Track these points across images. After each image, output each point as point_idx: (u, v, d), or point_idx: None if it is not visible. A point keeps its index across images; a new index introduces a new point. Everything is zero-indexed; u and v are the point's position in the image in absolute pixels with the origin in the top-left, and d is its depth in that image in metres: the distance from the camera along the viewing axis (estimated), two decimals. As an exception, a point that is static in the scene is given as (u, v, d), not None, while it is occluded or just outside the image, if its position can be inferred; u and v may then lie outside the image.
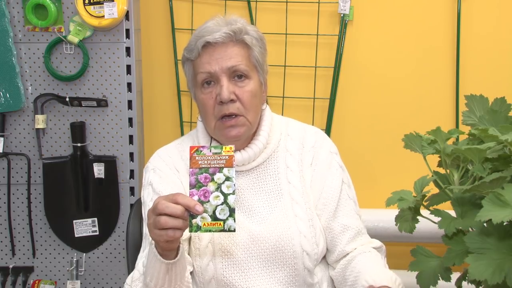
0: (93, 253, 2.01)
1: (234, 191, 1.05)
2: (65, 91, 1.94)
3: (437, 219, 0.94)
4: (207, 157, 1.07)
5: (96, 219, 1.98)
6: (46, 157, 1.96)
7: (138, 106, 1.98)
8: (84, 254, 2.01)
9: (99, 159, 1.95)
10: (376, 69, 2.08)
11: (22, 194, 1.99)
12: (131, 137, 1.97)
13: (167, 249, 1.12)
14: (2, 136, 1.95)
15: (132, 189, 1.99)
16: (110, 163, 1.95)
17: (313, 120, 2.10)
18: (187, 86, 1.39)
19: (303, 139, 1.39)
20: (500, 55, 2.03)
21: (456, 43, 2.01)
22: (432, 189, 0.99)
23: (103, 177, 1.95)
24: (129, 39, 1.93)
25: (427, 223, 0.99)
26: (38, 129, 1.94)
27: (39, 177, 1.98)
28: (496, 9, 2.01)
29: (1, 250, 2.02)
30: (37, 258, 2.02)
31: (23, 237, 2.01)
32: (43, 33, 1.91)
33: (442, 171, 1.00)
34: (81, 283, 2.02)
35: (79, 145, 1.93)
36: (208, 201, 1.05)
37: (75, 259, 2.00)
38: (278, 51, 2.09)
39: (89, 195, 1.97)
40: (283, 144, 1.38)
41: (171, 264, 1.14)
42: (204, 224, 1.04)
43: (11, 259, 2.02)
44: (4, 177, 1.98)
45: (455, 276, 0.95)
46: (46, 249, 2.02)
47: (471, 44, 2.03)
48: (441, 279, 0.94)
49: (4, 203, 1.99)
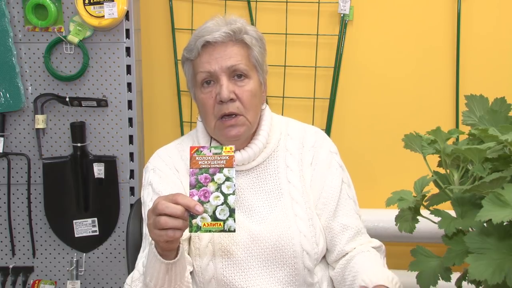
0: (93, 253, 2.01)
1: (234, 191, 1.05)
2: (65, 91, 1.94)
3: (437, 219, 0.94)
4: (207, 157, 1.07)
5: (96, 219, 1.98)
6: (46, 157, 1.96)
7: (138, 106, 1.98)
8: (84, 254, 2.01)
9: (99, 159, 1.95)
10: (376, 69, 2.08)
11: (22, 194, 1.99)
12: (131, 137, 1.97)
13: (167, 249, 1.12)
14: (2, 136, 1.95)
15: (132, 189, 1.99)
16: (110, 163, 1.95)
17: (313, 120, 2.10)
18: (187, 86, 1.39)
19: (303, 138, 1.39)
20: (500, 55, 2.03)
21: (456, 43, 2.01)
22: (432, 189, 0.99)
23: (103, 177, 1.95)
24: (129, 39, 1.93)
25: (427, 223, 0.99)
26: (38, 129, 1.94)
27: (39, 177, 1.98)
28: (496, 9, 2.01)
29: (1, 250, 2.02)
30: (37, 258, 2.02)
31: (23, 237, 2.01)
32: (43, 33, 1.91)
33: (442, 171, 1.00)
34: (81, 283, 2.02)
35: (79, 145, 1.93)
36: (208, 201, 1.05)
37: (75, 259, 2.00)
38: (278, 51, 2.09)
39: (89, 195, 1.97)
40: (283, 143, 1.38)
41: (171, 264, 1.14)
42: (204, 224, 1.04)
43: (11, 259, 2.02)
44: (4, 177, 1.98)
45: (455, 276, 0.95)
46: (46, 249, 2.02)
47: (471, 44, 2.03)
48: (441, 279, 0.94)
49: (4, 203, 1.99)
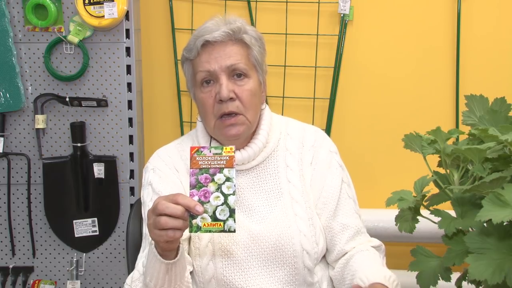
0: (93, 253, 2.01)
1: (234, 191, 1.05)
2: (65, 91, 1.94)
3: (437, 219, 0.94)
4: (207, 157, 1.07)
5: (96, 219, 1.98)
6: (46, 157, 1.96)
7: (138, 106, 1.98)
8: (84, 254, 2.01)
9: (99, 159, 1.95)
10: (376, 69, 2.08)
11: (22, 194, 1.99)
12: (131, 137, 1.97)
13: (167, 249, 1.12)
14: (2, 136, 1.95)
15: (132, 189, 1.99)
16: (110, 163, 1.95)
17: (313, 120, 2.10)
18: (187, 86, 1.39)
19: (302, 138, 1.39)
20: (500, 55, 2.03)
21: (456, 43, 2.01)
22: (432, 189, 0.99)
23: (103, 177, 1.95)
24: (129, 39, 1.93)
25: (427, 223, 0.99)
26: (38, 129, 1.94)
27: (39, 177, 1.98)
28: (496, 9, 2.01)
29: (1, 250, 2.02)
30: (37, 258, 2.02)
31: (23, 237, 2.01)
32: (43, 33, 1.91)
33: (442, 171, 1.00)
34: (81, 283, 2.02)
35: (79, 145, 1.93)
36: (208, 201, 1.05)
37: (75, 259, 2.00)
38: (278, 51, 2.09)
39: (89, 195, 1.97)
40: (282, 143, 1.39)
41: (171, 264, 1.14)
42: (204, 225, 1.04)
43: (11, 259, 2.02)
44: (4, 177, 1.98)
45: (455, 276, 0.95)
46: (46, 249, 2.02)
47: (471, 44, 2.03)
48: (441, 279, 0.94)
49: (4, 203, 1.99)
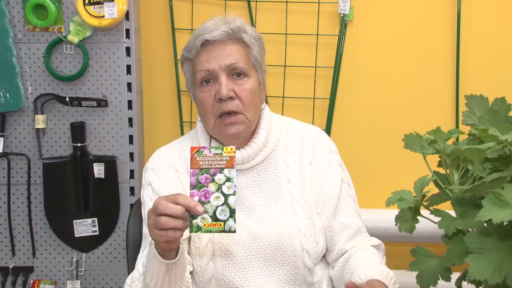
0: (93, 253, 2.01)
1: (234, 192, 1.05)
2: (65, 91, 1.94)
3: (437, 219, 0.94)
4: (208, 157, 1.08)
5: (96, 219, 1.98)
6: (46, 157, 1.96)
7: (138, 106, 1.98)
8: (84, 254, 2.01)
9: (99, 159, 1.95)
10: (376, 69, 2.08)
11: (22, 194, 1.99)
12: (131, 137, 1.97)
13: (167, 249, 1.12)
14: (2, 136, 1.95)
15: (132, 189, 1.99)
16: (110, 163, 1.95)
17: (313, 120, 2.10)
18: (186, 86, 1.39)
19: (302, 138, 1.39)
20: (500, 55, 2.03)
21: (456, 43, 2.01)
22: (432, 189, 0.99)
23: (103, 177, 1.95)
24: (129, 39, 1.93)
25: (427, 223, 0.99)
26: (38, 129, 1.94)
27: (39, 177, 1.98)
28: (496, 9, 2.01)
29: (1, 250, 2.02)
30: (37, 258, 2.02)
31: (23, 237, 2.01)
32: (43, 33, 1.91)
33: (442, 171, 1.00)
34: (81, 283, 2.02)
35: (79, 145, 1.93)
36: (209, 201, 1.05)
37: (75, 259, 2.00)
38: (278, 51, 2.09)
39: (89, 195, 1.97)
40: (282, 143, 1.39)
41: (171, 264, 1.14)
42: (205, 225, 1.04)
43: (11, 259, 2.02)
44: (4, 177, 1.98)
45: (455, 276, 0.95)
46: (46, 249, 2.02)
47: (471, 44, 2.03)
48: (441, 279, 0.94)
49: (4, 203, 1.99)
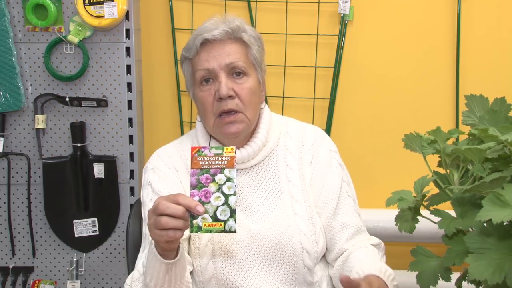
0: (93, 253, 2.01)
1: (235, 192, 1.05)
2: (65, 91, 1.94)
3: (437, 219, 0.94)
4: (208, 157, 1.08)
5: (96, 219, 1.98)
6: (46, 157, 1.96)
7: (138, 106, 1.98)
8: (84, 254, 2.01)
9: (99, 159, 1.95)
10: (376, 69, 2.08)
11: (22, 194, 1.99)
12: (131, 137, 1.97)
13: (167, 249, 1.12)
14: (2, 136, 1.95)
15: (132, 189, 1.99)
16: (110, 163, 1.95)
17: (313, 120, 2.10)
18: (186, 86, 1.39)
19: (302, 137, 1.40)
20: (500, 55, 2.03)
21: (456, 43, 2.01)
22: (432, 189, 0.99)
23: (103, 177, 1.95)
24: (129, 39, 1.93)
25: (427, 223, 0.99)
26: (38, 129, 1.94)
27: (39, 177, 1.98)
28: (496, 9, 2.01)
29: (1, 250, 2.02)
30: (37, 258, 2.02)
31: (23, 237, 2.01)
32: (43, 33, 1.91)
33: (442, 171, 1.00)
34: (81, 283, 2.02)
35: (79, 145, 1.93)
36: (209, 201, 1.05)
37: (75, 259, 2.00)
38: (278, 51, 2.09)
39: (89, 195, 1.97)
40: (282, 142, 1.39)
41: (171, 264, 1.14)
42: (205, 225, 1.04)
43: (11, 259, 2.02)
44: (4, 177, 1.98)
45: (455, 276, 0.95)
46: (46, 249, 2.02)
47: (471, 44, 2.03)
48: (441, 279, 0.94)
49: (4, 203, 1.99)
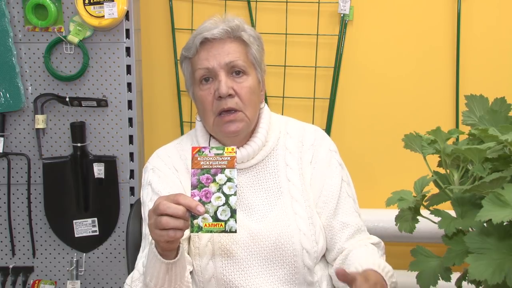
0: (93, 253, 2.01)
1: (235, 192, 1.05)
2: (65, 91, 1.94)
3: (437, 219, 0.94)
4: (209, 158, 1.08)
5: (96, 219, 1.98)
6: (46, 157, 1.96)
7: (138, 106, 1.98)
8: (84, 254, 2.01)
9: (99, 159, 1.95)
10: (376, 69, 2.08)
11: (22, 194, 1.99)
12: (131, 137, 1.97)
13: (167, 249, 1.12)
14: (2, 136, 1.95)
15: (132, 189, 1.99)
16: (110, 163, 1.95)
17: (313, 120, 2.10)
18: (185, 85, 1.39)
19: (302, 137, 1.40)
20: (500, 55, 2.03)
21: (456, 43, 2.02)
22: (432, 189, 0.99)
23: (103, 177, 1.95)
24: (129, 39, 1.93)
25: (427, 223, 0.99)
26: (38, 129, 1.94)
27: (39, 177, 1.98)
28: (496, 9, 2.01)
29: (1, 250, 2.02)
30: (37, 258, 2.02)
31: (23, 237, 2.01)
32: (43, 33, 1.91)
33: (442, 171, 1.00)
34: (81, 283, 2.01)
35: (79, 145, 1.93)
36: (210, 201, 1.05)
37: (75, 259, 2.00)
38: (278, 51, 2.09)
39: (89, 195, 1.97)
40: (282, 142, 1.39)
41: (171, 264, 1.14)
42: (206, 225, 1.04)
43: (11, 259, 2.02)
44: (4, 177, 1.98)
45: (455, 276, 0.95)
46: (46, 249, 2.02)
47: (471, 44, 2.03)
48: (441, 279, 0.94)
49: (4, 203, 1.99)
